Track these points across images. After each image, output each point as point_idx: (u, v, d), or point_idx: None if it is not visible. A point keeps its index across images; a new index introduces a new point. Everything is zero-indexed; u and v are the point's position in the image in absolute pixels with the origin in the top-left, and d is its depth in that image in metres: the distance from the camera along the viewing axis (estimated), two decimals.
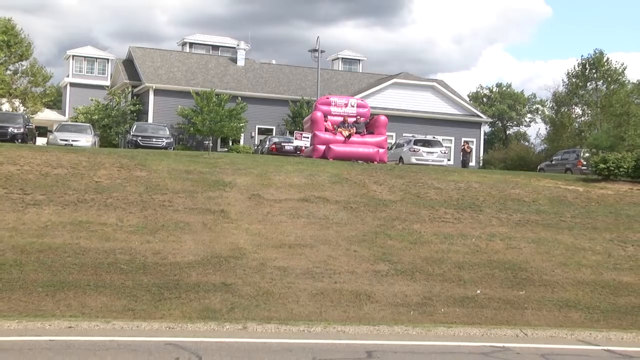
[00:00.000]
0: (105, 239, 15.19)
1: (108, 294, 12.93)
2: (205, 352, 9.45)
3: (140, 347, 9.80)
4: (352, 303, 13.50)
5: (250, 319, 12.20)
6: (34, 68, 52.97)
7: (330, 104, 31.30)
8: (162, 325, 11.57)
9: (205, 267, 14.36)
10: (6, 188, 17.47)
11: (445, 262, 15.79)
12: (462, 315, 13.47)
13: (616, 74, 54.84)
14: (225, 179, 20.08)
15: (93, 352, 9.39)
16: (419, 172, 24.22)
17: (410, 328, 12.27)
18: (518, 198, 21.20)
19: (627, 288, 15.46)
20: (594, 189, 23.34)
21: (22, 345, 9.69)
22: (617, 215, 20.18)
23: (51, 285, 13.06)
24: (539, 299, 14.52)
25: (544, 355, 10.28)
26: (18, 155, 20.46)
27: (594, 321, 13.79)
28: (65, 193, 17.57)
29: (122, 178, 19.30)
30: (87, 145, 29.96)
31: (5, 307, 12.11)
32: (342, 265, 15.07)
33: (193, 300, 12.98)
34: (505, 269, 15.76)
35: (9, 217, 15.83)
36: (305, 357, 9.32)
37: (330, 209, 18.43)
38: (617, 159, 25.45)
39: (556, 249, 17.19)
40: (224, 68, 53.75)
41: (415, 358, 9.77)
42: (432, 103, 53.52)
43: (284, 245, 15.83)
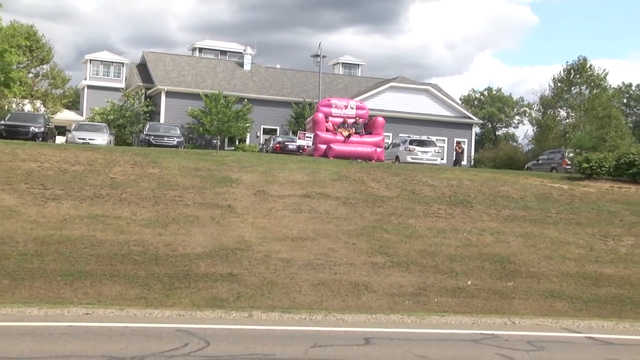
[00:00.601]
0: (120, 232, 15.20)
1: (122, 283, 12.95)
2: (213, 338, 9.46)
3: (153, 333, 9.81)
4: (350, 293, 13.51)
5: (255, 308, 12.22)
6: (54, 71, 53.15)
7: (331, 105, 31.28)
8: (173, 313, 11.59)
9: (213, 258, 14.38)
10: (28, 183, 17.48)
11: (438, 254, 15.79)
12: (454, 305, 13.48)
13: (598, 80, 54.84)
14: (232, 176, 20.08)
15: (108, 337, 9.41)
16: (414, 170, 24.21)
17: (405, 316, 12.29)
18: (507, 195, 21.19)
19: (608, 279, 15.46)
20: (577, 186, 23.34)
21: (42, 330, 9.71)
22: (599, 212, 20.17)
23: (69, 274, 13.08)
24: (526, 289, 14.53)
25: (530, 342, 10.28)
26: (39, 153, 20.47)
27: (577, 310, 13.80)
28: (82, 188, 17.58)
29: (135, 174, 19.30)
30: (103, 143, 29.95)
31: (27, 295, 12.14)
32: (342, 258, 15.07)
33: (202, 289, 12.99)
34: (494, 261, 15.76)
35: (31, 210, 15.85)
36: (306, 344, 9.33)
37: (331, 204, 18.43)
38: (599, 158, 25.44)
39: (542, 242, 17.18)
40: (231, 72, 53.74)
41: (410, 345, 9.77)
42: (426, 105, 53.51)
43: (287, 238, 15.83)
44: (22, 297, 12.05)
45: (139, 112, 48.11)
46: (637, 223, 19.44)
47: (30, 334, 9.47)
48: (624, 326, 12.68)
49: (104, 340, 9.12)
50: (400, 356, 8.82)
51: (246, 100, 48.23)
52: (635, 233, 18.63)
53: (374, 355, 8.80)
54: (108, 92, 54.77)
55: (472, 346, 9.88)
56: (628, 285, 15.26)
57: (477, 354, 9.22)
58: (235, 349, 8.79)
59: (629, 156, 24.97)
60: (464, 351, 9.41)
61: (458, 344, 10.01)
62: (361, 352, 9.03)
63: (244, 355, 8.47)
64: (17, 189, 17.08)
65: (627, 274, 15.87)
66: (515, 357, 9.14)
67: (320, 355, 8.66)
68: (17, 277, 12.75)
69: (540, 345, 10.14)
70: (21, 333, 9.50)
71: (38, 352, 8.18)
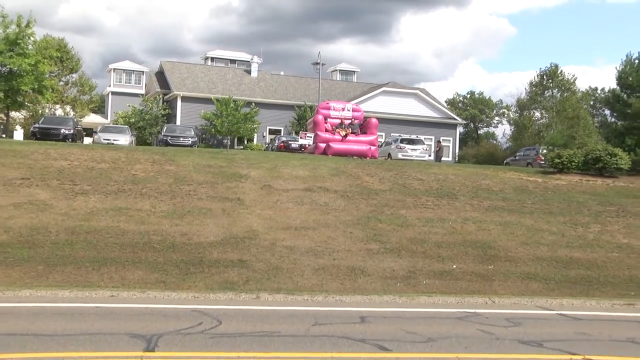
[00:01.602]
0: (141, 223, 15.21)
1: (143, 269, 12.96)
2: (224, 317, 9.47)
3: (171, 313, 9.83)
4: (348, 276, 13.52)
5: (262, 290, 12.22)
6: (82, 79, 53.13)
7: (330, 108, 31.29)
8: (189, 295, 11.59)
9: (225, 246, 14.38)
10: (59, 180, 17.50)
11: (426, 241, 15.79)
12: (441, 286, 13.48)
13: (568, 84, 54.90)
14: (241, 172, 20.09)
15: (131, 317, 9.42)
16: (404, 166, 24.22)
17: (397, 297, 12.29)
18: (487, 188, 21.21)
19: (577, 262, 15.46)
20: (550, 180, 23.35)
21: (73, 311, 9.72)
22: (569, 202, 20.18)
23: (96, 261, 13.09)
24: (505, 272, 14.53)
25: (508, 319, 10.28)
26: (69, 152, 20.49)
27: (549, 290, 13.81)
28: (107, 184, 17.59)
29: (154, 171, 19.31)
30: (125, 143, 29.96)
31: (60, 279, 12.16)
32: (340, 245, 15.08)
33: (214, 274, 13.00)
34: (476, 247, 15.76)
35: (62, 204, 15.86)
36: (308, 322, 9.34)
37: (330, 197, 18.43)
38: (569, 154, 25.48)
39: (519, 230, 17.19)
40: (240, 78, 53.70)
41: (402, 322, 9.78)
42: (415, 108, 53.50)
43: (291, 227, 15.83)
44: (55, 281, 12.07)
45: (157, 115, 48.12)
46: (602, 212, 19.46)
47: (62, 313, 9.48)
48: (590, 304, 12.70)
49: (127, 320, 9.14)
50: (392, 333, 8.82)
51: (253, 104, 48.23)
52: (601, 221, 18.65)
53: (369, 332, 8.80)
54: (130, 98, 54.72)
55: (457, 323, 9.89)
56: (595, 267, 15.27)
57: (461, 330, 9.22)
58: (245, 327, 8.80)
59: (595, 152, 25.02)
60: (449, 328, 9.41)
61: (444, 322, 10.02)
62: (357, 329, 9.04)
63: (253, 332, 8.48)
64: (50, 184, 17.10)
65: (594, 257, 15.89)
66: (495, 332, 9.15)
67: (320, 332, 8.66)
68: (51, 263, 12.78)
69: (517, 321, 10.15)
70: (54, 313, 9.51)
71: (69, 329, 8.20)
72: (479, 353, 7.70)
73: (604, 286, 14.28)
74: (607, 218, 18.94)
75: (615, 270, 15.21)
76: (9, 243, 13.47)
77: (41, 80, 34.10)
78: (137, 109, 48.51)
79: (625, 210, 19.80)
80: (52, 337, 7.76)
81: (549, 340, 8.67)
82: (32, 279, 12.10)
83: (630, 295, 13.67)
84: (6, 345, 7.23)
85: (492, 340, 8.58)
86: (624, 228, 18.19)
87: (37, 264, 12.69)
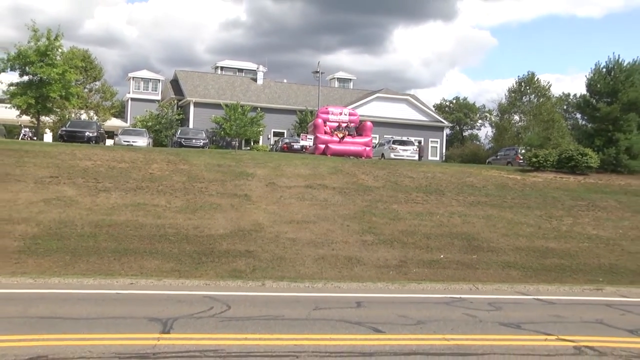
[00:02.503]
0: (157, 217, 15.21)
1: (160, 259, 12.97)
2: (233, 302, 9.47)
3: (185, 298, 9.83)
4: (345, 265, 13.52)
5: (268, 278, 12.23)
6: (104, 87, 53.08)
7: (329, 112, 31.24)
8: (201, 283, 11.60)
9: (233, 238, 14.38)
10: (84, 178, 17.48)
11: (416, 233, 15.80)
12: (429, 274, 13.50)
13: (544, 90, 54.81)
14: (248, 170, 20.07)
15: (149, 302, 9.43)
16: (396, 165, 24.20)
17: (389, 284, 12.31)
18: (472, 184, 21.19)
19: (552, 252, 15.48)
20: (528, 177, 23.34)
21: (97, 297, 9.73)
22: (545, 197, 20.18)
23: (117, 251, 13.10)
24: (487, 261, 14.55)
25: (490, 304, 10.29)
26: (92, 153, 20.46)
27: (527, 277, 13.83)
28: (127, 182, 17.58)
29: (169, 170, 19.29)
30: (143, 145, 29.93)
31: (84, 268, 12.17)
32: (338, 237, 15.08)
33: (224, 263, 13.00)
34: (462, 238, 15.77)
35: (86, 200, 15.86)
36: (309, 307, 9.34)
37: (329, 193, 18.43)
38: (545, 154, 25.45)
39: (500, 223, 17.20)
40: (246, 86, 53.65)
41: (394, 307, 9.78)
42: (406, 112, 53.47)
43: (293, 221, 15.84)
44: (80, 270, 12.07)
45: (172, 119, 48.07)
46: (574, 206, 19.46)
47: (87, 299, 9.49)
48: (564, 289, 12.71)
49: (145, 305, 9.14)
50: (386, 316, 8.83)
51: (259, 109, 48.19)
52: (573, 214, 18.66)
53: (364, 316, 8.81)
54: (147, 104, 54.64)
55: (444, 307, 9.90)
56: (568, 256, 15.29)
57: (448, 314, 9.23)
58: (252, 312, 8.81)
59: (568, 152, 25.00)
60: (437, 312, 9.42)
61: (432, 306, 10.02)
62: (354, 313, 9.05)
63: (259, 316, 8.49)
64: (76, 182, 17.09)
65: (567, 247, 15.91)
66: (479, 315, 9.15)
67: (320, 316, 8.67)
68: (77, 254, 12.78)
69: (498, 305, 10.16)
70: (80, 298, 9.52)
71: (94, 313, 8.21)
72: (464, 334, 7.71)
73: (575, 273, 14.30)
74: (578, 212, 18.95)
75: (586, 258, 15.24)
76: (40, 235, 13.48)
77: (68, 87, 34.19)
78: (154, 114, 48.47)
79: (595, 204, 19.81)
80: (78, 320, 7.77)
81: (526, 323, 8.68)
82: (60, 267, 12.11)
83: (598, 281, 13.70)
84: (38, 326, 7.25)
85: (475, 323, 8.59)
86: (593, 221, 18.21)
87: (64, 255, 12.70)
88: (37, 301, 9.11)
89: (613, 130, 26.51)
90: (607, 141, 26.37)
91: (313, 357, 6.36)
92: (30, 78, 33.16)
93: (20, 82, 33.36)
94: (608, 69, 28.05)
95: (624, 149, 25.80)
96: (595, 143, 26.53)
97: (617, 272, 14.53)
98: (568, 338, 7.68)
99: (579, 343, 7.45)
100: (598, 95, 27.87)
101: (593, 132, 27.69)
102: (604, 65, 28.25)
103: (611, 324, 8.87)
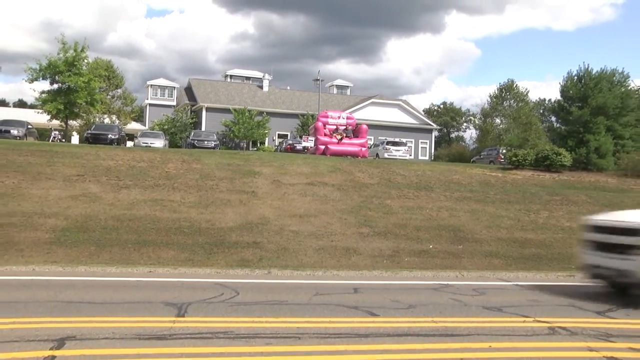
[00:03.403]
0: (173, 211, 15.20)
1: (175, 249, 12.96)
2: (242, 289, 9.47)
3: (198, 285, 9.82)
4: (343, 255, 13.52)
5: (273, 267, 12.22)
6: (125, 94, 53.04)
7: (328, 116, 31.24)
8: (212, 271, 11.59)
9: (242, 231, 14.37)
10: (107, 176, 17.48)
11: (408, 226, 15.79)
12: (420, 263, 13.48)
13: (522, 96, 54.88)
14: (255, 169, 20.05)
15: (165, 288, 9.42)
16: (390, 164, 24.18)
17: (383, 272, 12.29)
18: (458, 181, 21.17)
19: (530, 242, 15.47)
20: (508, 174, 23.31)
21: (118, 284, 9.72)
22: (523, 193, 20.17)
23: (137, 243, 13.09)
24: (472, 251, 14.54)
25: (474, 289, 10.28)
26: (114, 154, 20.45)
27: (508, 265, 13.81)
28: (145, 180, 17.57)
29: (184, 169, 19.28)
30: (160, 146, 29.93)
31: (108, 258, 12.16)
32: (337, 229, 15.07)
33: (233, 253, 13.00)
34: (449, 230, 15.76)
35: (109, 196, 15.85)
36: (310, 292, 9.34)
37: (328, 190, 18.41)
38: (523, 153, 25.45)
39: (483, 216, 17.19)
40: (253, 92, 53.66)
41: (387, 292, 9.78)
42: (398, 116, 53.49)
43: (296, 215, 15.82)
44: (104, 259, 12.07)
45: (186, 123, 48.09)
46: (550, 201, 19.45)
47: (110, 286, 9.49)
48: (540, 276, 12.69)
49: (162, 291, 9.14)
50: (380, 301, 8.83)
51: (265, 113, 48.27)
52: (549, 208, 18.64)
53: (361, 301, 8.80)
54: (164, 109, 54.64)
55: (433, 293, 9.89)
56: (544, 246, 15.28)
57: (436, 299, 9.23)
58: (258, 297, 8.80)
59: (544, 152, 25.01)
60: (426, 297, 9.42)
61: (422, 292, 10.02)
62: (351, 298, 9.04)
63: (265, 301, 8.49)
64: (100, 180, 17.08)
65: (543, 238, 15.89)
66: (464, 300, 9.15)
67: (320, 301, 8.67)
68: (101, 245, 12.78)
69: (482, 291, 10.15)
70: (104, 285, 9.52)
71: (116, 298, 8.21)
72: (450, 317, 7.71)
73: (551, 261, 14.29)
74: (553, 206, 18.94)
75: (560, 248, 15.22)
76: (68, 228, 13.48)
77: (92, 94, 34.38)
78: (170, 118, 48.49)
79: (568, 199, 19.80)
80: (102, 304, 7.77)
81: (507, 306, 8.68)
82: (86, 257, 12.11)
83: (571, 269, 13.66)
84: (66, 310, 7.26)
85: (461, 307, 8.58)
86: (566, 214, 18.19)
87: (90, 245, 12.70)
88: (66, 287, 9.12)
89: (584, 132, 26.55)
90: (578, 142, 26.41)
91: (314, 338, 6.36)
92: (60, 86, 33.34)
93: (51, 90, 33.58)
94: (579, 76, 28.08)
95: (593, 149, 25.84)
96: (568, 144, 26.57)
97: None
98: (544, 320, 7.68)
99: (553, 324, 7.45)
100: (570, 100, 27.89)
101: (566, 133, 27.69)
102: (576, 74, 28.26)
103: (581, 307, 8.86)
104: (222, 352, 5.69)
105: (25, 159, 18.35)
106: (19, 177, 16.54)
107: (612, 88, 26.98)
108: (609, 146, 25.89)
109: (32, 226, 13.40)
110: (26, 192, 15.53)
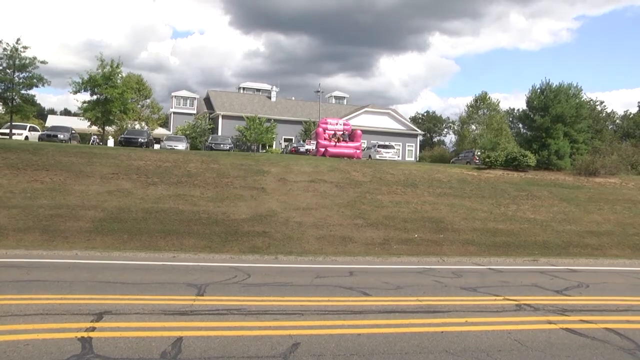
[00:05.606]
0: (193, 205, 15.19)
1: (195, 237, 12.96)
2: (252, 272, 9.48)
3: (215, 269, 9.84)
4: (340, 243, 13.51)
5: (279, 253, 12.22)
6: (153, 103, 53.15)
7: (327, 123, 31.19)
8: (227, 256, 11.59)
9: (253, 222, 14.37)
10: (137, 174, 17.47)
11: (396, 218, 15.77)
12: (407, 250, 13.48)
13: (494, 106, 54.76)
14: (264, 168, 20.03)
15: (187, 271, 9.43)
16: (381, 164, 24.15)
17: (375, 257, 12.30)
18: (439, 179, 21.14)
19: (501, 232, 15.45)
20: (482, 173, 23.28)
21: (147, 267, 9.73)
22: (495, 189, 20.14)
23: (162, 232, 13.08)
24: (451, 239, 14.53)
25: (453, 272, 10.29)
26: (144, 155, 20.44)
27: (482, 252, 13.80)
28: (170, 177, 17.56)
29: (203, 168, 19.27)
30: (182, 149, 29.91)
31: (138, 245, 12.16)
32: (335, 221, 15.06)
33: (245, 241, 12.99)
34: (431, 222, 15.75)
35: (139, 191, 15.85)
36: (312, 275, 9.35)
37: (327, 186, 18.40)
38: (495, 155, 25.41)
39: (461, 209, 17.16)
40: (263, 102, 53.59)
41: (379, 275, 9.79)
42: (388, 123, 53.41)
43: (300, 208, 15.82)
44: (134, 246, 12.07)
45: (205, 128, 48.04)
46: (517, 196, 19.42)
47: (140, 268, 9.50)
48: (509, 260, 12.69)
49: (184, 273, 9.15)
50: (372, 282, 8.83)
51: (273, 120, 48.20)
52: (517, 202, 18.61)
53: (355, 282, 8.81)
54: (186, 116, 54.57)
55: (418, 275, 9.90)
56: (512, 235, 15.26)
57: (421, 280, 9.24)
58: (267, 279, 8.81)
59: (513, 154, 24.98)
60: (412, 279, 9.42)
61: (409, 274, 10.02)
62: (347, 280, 9.05)
63: (273, 283, 8.50)
64: (131, 178, 17.07)
65: (512, 228, 15.87)
66: (444, 281, 9.15)
67: (321, 282, 8.68)
68: (132, 233, 12.77)
69: (459, 274, 10.16)
70: (134, 268, 9.52)
71: (145, 279, 8.22)
72: (433, 296, 7.71)
73: (518, 248, 14.28)
74: (520, 200, 18.91)
75: (526, 237, 15.21)
76: (104, 219, 13.47)
77: (125, 104, 34.57)
78: (191, 124, 48.43)
79: (532, 194, 19.77)
80: (133, 284, 7.78)
81: (481, 287, 8.68)
82: (120, 244, 12.11)
83: (535, 254, 13.68)
84: (104, 289, 7.28)
85: (442, 287, 8.59)
86: (531, 207, 18.17)
87: (123, 234, 12.70)
88: (103, 269, 9.13)
89: (545, 137, 26.53)
90: (541, 145, 26.39)
91: (315, 314, 6.37)
92: (98, 97, 33.59)
93: (91, 101, 33.85)
94: (541, 89, 28.07)
95: (553, 152, 25.84)
96: (532, 147, 26.55)
97: (548, 246, 14.51)
98: (512, 298, 7.69)
99: (520, 301, 7.46)
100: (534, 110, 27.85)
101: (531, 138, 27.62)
102: (539, 87, 28.26)
103: (543, 287, 8.88)
104: (235, 326, 5.70)
105: (69, 160, 18.35)
106: (64, 175, 16.55)
107: (569, 99, 27.07)
108: (567, 149, 25.94)
109: (75, 217, 13.40)
110: (70, 187, 15.54)
